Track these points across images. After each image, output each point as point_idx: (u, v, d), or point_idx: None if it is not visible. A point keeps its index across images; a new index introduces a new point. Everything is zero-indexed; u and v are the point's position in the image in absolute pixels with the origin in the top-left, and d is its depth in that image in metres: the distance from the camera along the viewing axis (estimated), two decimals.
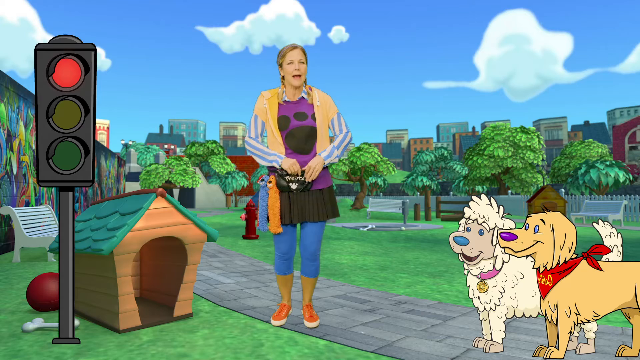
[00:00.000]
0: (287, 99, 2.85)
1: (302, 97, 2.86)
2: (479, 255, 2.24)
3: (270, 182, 2.78)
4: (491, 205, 2.23)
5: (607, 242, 2.30)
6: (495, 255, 2.24)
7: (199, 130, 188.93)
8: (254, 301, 3.72)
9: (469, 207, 2.25)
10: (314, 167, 2.73)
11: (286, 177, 2.75)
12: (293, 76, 2.76)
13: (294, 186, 2.75)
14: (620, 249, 2.29)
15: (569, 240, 2.08)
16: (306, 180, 2.75)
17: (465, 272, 2.34)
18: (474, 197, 2.25)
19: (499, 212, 2.23)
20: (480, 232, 2.23)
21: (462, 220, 2.28)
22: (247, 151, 2.84)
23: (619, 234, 2.30)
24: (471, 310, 3.41)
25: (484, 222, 2.23)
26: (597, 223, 2.33)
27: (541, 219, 2.10)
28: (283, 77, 2.84)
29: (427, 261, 6.32)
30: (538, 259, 2.11)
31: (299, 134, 2.79)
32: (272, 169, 2.84)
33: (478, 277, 2.30)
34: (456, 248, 2.27)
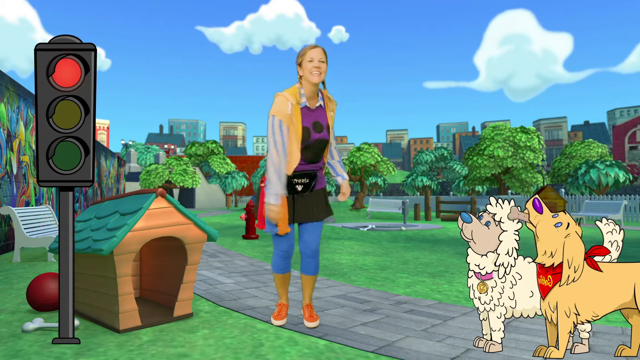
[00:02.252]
0: (307, 105, 2.79)
1: (320, 105, 2.84)
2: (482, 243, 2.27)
3: None
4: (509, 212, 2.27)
5: (608, 238, 2.33)
6: (497, 255, 2.25)
7: (199, 130, 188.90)
8: (254, 301, 3.72)
9: (500, 205, 2.27)
10: (346, 191, 3.01)
11: (293, 180, 2.81)
12: (311, 73, 2.69)
13: (299, 187, 2.84)
14: (620, 244, 2.33)
15: (576, 262, 2.11)
16: (313, 185, 2.88)
17: (469, 268, 2.35)
18: (505, 202, 2.29)
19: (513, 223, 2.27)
20: (487, 223, 2.27)
21: (486, 214, 2.30)
22: (269, 166, 2.70)
23: (622, 231, 2.33)
24: (471, 310, 3.42)
25: (499, 223, 2.28)
26: (600, 221, 2.36)
27: (568, 222, 2.13)
28: (301, 77, 2.77)
29: (427, 261, 6.32)
30: (541, 246, 2.14)
31: (316, 147, 2.81)
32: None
33: (478, 278, 2.31)
34: (460, 223, 2.32)
